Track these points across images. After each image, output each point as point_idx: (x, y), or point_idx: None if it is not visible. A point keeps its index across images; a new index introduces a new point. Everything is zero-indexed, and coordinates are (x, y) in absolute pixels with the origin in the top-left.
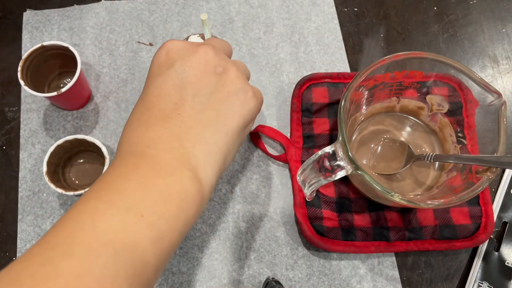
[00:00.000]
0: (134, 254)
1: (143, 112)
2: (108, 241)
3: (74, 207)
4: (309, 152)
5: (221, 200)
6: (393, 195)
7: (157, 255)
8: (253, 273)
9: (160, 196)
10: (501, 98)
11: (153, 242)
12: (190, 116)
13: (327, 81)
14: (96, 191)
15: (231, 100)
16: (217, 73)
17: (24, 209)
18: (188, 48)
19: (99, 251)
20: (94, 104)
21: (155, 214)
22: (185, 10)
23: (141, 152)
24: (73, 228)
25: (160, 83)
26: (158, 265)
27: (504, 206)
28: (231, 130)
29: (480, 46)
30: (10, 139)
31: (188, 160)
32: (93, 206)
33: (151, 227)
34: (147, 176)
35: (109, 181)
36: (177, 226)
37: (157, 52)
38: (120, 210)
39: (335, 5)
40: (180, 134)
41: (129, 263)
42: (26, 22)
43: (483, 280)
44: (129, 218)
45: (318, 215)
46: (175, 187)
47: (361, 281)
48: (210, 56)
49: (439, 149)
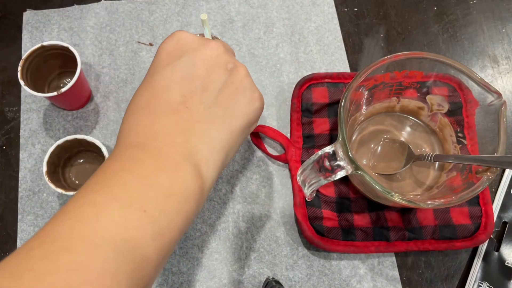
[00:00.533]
0: (135, 249)
1: (149, 101)
2: (109, 235)
3: (75, 198)
4: (309, 152)
5: (221, 200)
6: (393, 195)
7: (158, 250)
8: (253, 273)
9: (162, 191)
10: (501, 98)
11: (154, 238)
12: (198, 111)
13: (327, 81)
14: (97, 183)
15: (239, 98)
16: (227, 69)
17: (24, 209)
18: (199, 41)
19: (100, 246)
20: (94, 104)
21: (157, 209)
22: (185, 10)
23: (145, 143)
24: (74, 221)
25: (169, 73)
26: (159, 261)
27: (504, 206)
28: (235, 128)
29: (480, 46)
30: (10, 139)
31: (192, 155)
32: (95, 199)
33: (153, 223)
34: (150, 169)
35: (111, 173)
36: (178, 222)
37: (166, 40)
38: (122, 204)
39: (335, 5)
40: (186, 128)
41: (130, 259)
42: (26, 22)
43: (483, 280)
44: (131, 212)
45: (318, 215)
46: (178, 182)
47: (361, 281)
48: (221, 51)
49: (439, 149)
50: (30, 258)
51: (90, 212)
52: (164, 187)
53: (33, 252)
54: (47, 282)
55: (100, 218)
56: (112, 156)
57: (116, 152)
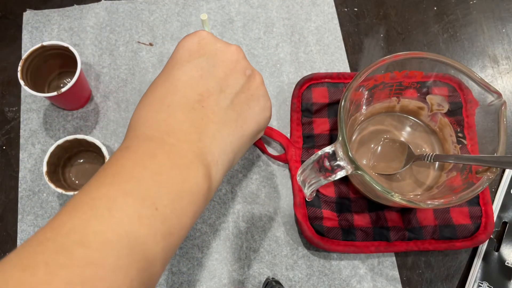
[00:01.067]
0: (146, 246)
1: (165, 95)
2: (123, 232)
3: (87, 191)
4: (309, 152)
5: (221, 200)
6: (393, 195)
7: (165, 249)
8: (253, 273)
9: (174, 189)
10: (501, 98)
11: (164, 237)
12: (213, 111)
13: (327, 81)
14: (109, 176)
15: (253, 105)
16: (245, 75)
17: (24, 209)
18: (221, 43)
19: (114, 242)
20: (94, 104)
21: (168, 207)
22: (185, 10)
23: (159, 138)
24: (88, 215)
25: (189, 70)
26: (165, 260)
27: (504, 206)
28: (246, 133)
29: (480, 46)
30: (10, 139)
31: (204, 155)
32: (108, 192)
33: (164, 221)
34: (164, 166)
35: (124, 167)
36: (186, 222)
37: (188, 38)
38: (135, 200)
39: (335, 5)
40: (201, 127)
41: (141, 256)
42: (26, 22)
43: (483, 280)
44: (145, 210)
45: (318, 215)
46: (190, 181)
47: (361, 281)
48: (241, 56)
49: (439, 149)
50: (44, 251)
51: (104, 207)
52: (177, 185)
53: (47, 245)
54: (62, 277)
55: (113, 214)
56: (124, 148)
57: (128, 144)
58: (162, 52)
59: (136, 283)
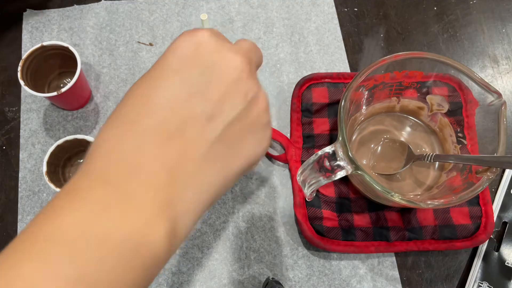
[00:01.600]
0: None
1: (138, 116)
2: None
3: (3, 259)
4: (309, 152)
5: (221, 200)
6: (393, 195)
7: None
8: (253, 273)
9: (115, 259)
10: (501, 98)
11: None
12: (195, 145)
13: (327, 81)
14: (42, 240)
15: (249, 137)
16: (246, 99)
17: (24, 209)
18: (223, 54)
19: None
20: (94, 104)
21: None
22: (185, 10)
23: (116, 183)
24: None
25: (174, 85)
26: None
27: (504, 206)
28: (233, 173)
29: (480, 46)
30: (10, 139)
31: (172, 205)
32: (31, 273)
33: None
34: (113, 226)
35: (62, 225)
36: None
37: (183, 39)
38: (67, 284)
39: (335, 5)
40: (176, 166)
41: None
42: (26, 22)
43: (483, 280)
44: None
45: (318, 215)
46: (142, 247)
47: (361, 281)
48: (245, 75)
49: (439, 149)
50: None
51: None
52: (120, 253)
53: None
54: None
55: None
56: (71, 190)
57: (77, 184)
58: (162, 52)
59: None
